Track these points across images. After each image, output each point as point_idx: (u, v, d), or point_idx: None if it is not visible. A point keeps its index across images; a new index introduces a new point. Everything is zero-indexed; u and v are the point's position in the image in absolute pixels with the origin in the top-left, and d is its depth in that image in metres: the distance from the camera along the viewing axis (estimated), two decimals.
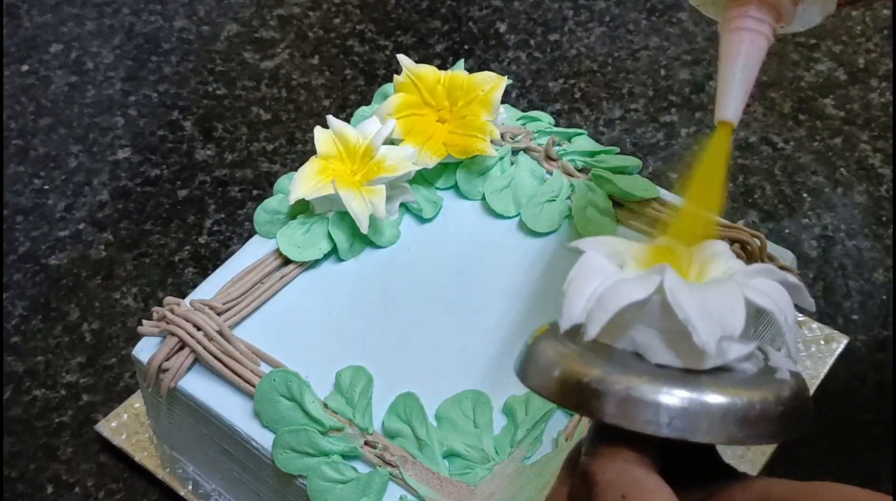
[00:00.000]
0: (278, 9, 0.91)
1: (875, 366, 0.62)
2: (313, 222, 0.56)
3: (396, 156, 0.57)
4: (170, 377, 0.51)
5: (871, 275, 0.67)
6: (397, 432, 0.48)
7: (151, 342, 0.53)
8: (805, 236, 0.70)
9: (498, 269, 0.56)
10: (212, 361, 0.51)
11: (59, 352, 0.65)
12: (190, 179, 0.76)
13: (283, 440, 0.48)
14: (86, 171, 0.77)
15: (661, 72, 0.83)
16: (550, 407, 0.48)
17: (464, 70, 0.61)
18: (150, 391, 0.54)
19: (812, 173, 0.74)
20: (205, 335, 0.52)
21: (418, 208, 0.58)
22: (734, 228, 0.55)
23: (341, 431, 0.48)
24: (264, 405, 0.49)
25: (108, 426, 0.60)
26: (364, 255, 0.57)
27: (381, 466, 0.47)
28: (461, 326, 0.53)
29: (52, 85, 0.85)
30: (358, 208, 0.54)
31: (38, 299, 0.69)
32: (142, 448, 0.59)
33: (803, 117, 0.79)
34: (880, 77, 0.81)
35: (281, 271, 0.56)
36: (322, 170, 0.56)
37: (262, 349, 0.52)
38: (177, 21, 0.90)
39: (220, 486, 0.56)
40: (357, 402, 0.49)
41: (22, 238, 0.72)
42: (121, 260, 0.71)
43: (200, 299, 0.53)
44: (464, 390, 0.49)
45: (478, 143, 0.58)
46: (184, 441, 0.56)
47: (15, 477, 0.59)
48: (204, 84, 0.84)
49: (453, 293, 0.55)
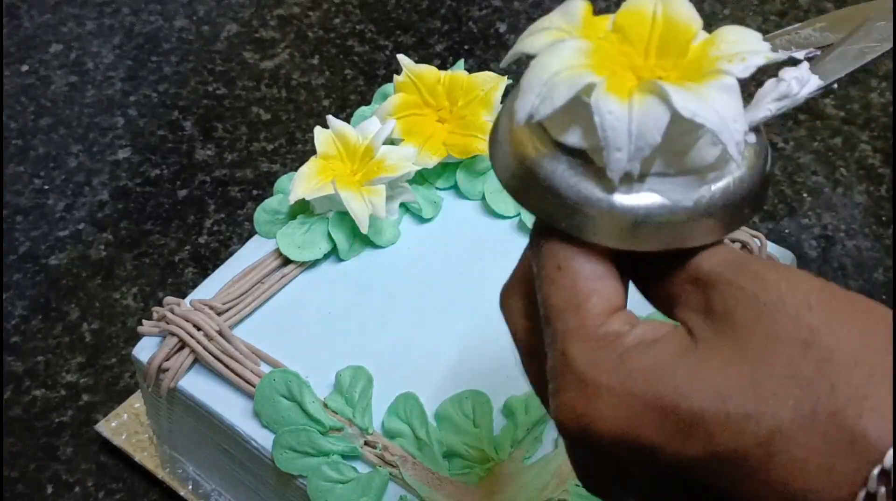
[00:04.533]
0: (278, 9, 0.91)
1: None
2: (313, 222, 0.56)
3: (396, 156, 0.57)
4: (170, 376, 0.51)
5: (871, 275, 0.67)
6: (397, 432, 0.48)
7: (151, 341, 0.53)
8: (805, 236, 0.70)
9: (498, 269, 0.55)
10: (212, 361, 0.51)
11: (59, 352, 0.65)
12: (190, 179, 0.76)
13: (282, 440, 0.48)
14: (86, 171, 0.77)
15: None
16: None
17: (464, 70, 0.61)
18: (150, 391, 0.54)
19: (812, 173, 0.74)
20: (205, 335, 0.52)
21: (418, 207, 0.58)
22: None
23: (341, 431, 0.48)
24: (264, 405, 0.49)
25: (108, 427, 0.60)
26: (364, 255, 0.57)
27: (381, 466, 0.47)
28: (461, 326, 0.53)
29: (52, 85, 0.85)
30: (358, 208, 0.54)
31: (38, 299, 0.69)
32: (142, 448, 0.59)
33: (803, 117, 0.79)
34: (880, 77, 0.81)
35: (281, 271, 0.55)
36: (322, 170, 0.56)
37: (262, 349, 0.52)
38: (177, 21, 0.90)
39: (219, 486, 0.56)
40: (357, 402, 0.49)
41: (22, 238, 0.72)
42: (121, 260, 0.71)
43: (200, 299, 0.53)
44: (464, 390, 0.49)
45: (478, 143, 0.58)
46: (184, 441, 0.56)
47: (15, 477, 0.59)
48: (204, 84, 0.84)
49: (453, 293, 0.55)
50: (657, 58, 0.32)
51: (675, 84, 0.30)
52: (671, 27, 0.32)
